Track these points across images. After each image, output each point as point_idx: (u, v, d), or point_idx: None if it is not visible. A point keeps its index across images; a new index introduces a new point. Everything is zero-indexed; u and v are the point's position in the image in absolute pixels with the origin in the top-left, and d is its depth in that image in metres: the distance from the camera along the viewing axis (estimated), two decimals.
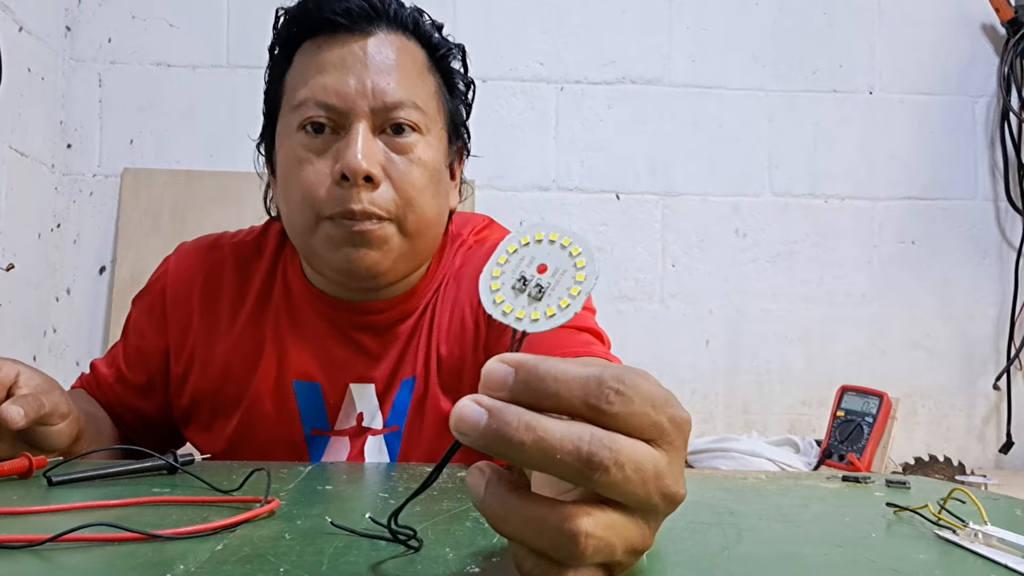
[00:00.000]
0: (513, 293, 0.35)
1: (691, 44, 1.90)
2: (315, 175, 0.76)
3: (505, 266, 0.36)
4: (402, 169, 0.76)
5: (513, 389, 0.30)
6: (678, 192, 1.88)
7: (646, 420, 0.30)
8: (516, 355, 0.30)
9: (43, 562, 0.39)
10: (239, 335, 0.84)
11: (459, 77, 0.86)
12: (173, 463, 0.65)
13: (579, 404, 0.30)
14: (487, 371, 0.30)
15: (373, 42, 0.77)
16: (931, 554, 0.46)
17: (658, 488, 0.30)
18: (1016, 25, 1.88)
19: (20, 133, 1.58)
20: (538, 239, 0.37)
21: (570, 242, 0.36)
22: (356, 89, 0.75)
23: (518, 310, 0.35)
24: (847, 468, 1.38)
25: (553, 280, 0.35)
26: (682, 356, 1.85)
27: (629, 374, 0.30)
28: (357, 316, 0.83)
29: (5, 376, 0.70)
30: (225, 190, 1.76)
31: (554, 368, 0.30)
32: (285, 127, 0.79)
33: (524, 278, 0.35)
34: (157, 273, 0.91)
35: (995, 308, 1.91)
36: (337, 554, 0.41)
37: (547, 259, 0.36)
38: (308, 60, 0.78)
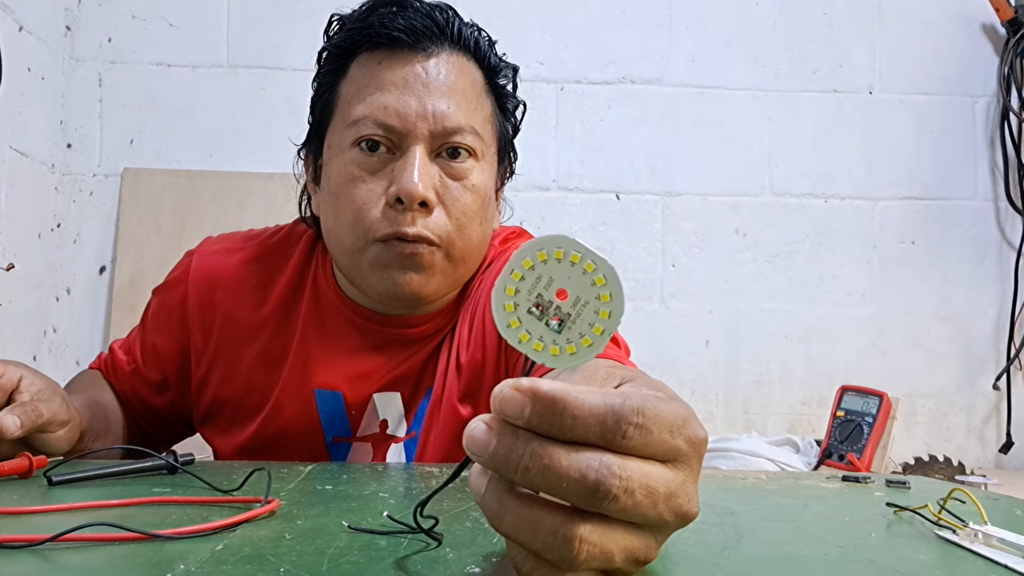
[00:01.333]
0: (530, 318, 0.33)
1: (691, 44, 1.90)
2: (368, 195, 0.75)
3: (520, 284, 0.33)
4: (456, 195, 0.76)
5: (529, 421, 0.29)
6: (678, 192, 1.88)
7: (663, 446, 0.30)
8: (532, 383, 0.29)
9: (43, 562, 0.39)
10: (264, 341, 0.84)
11: (511, 99, 0.85)
12: (173, 463, 0.65)
13: (595, 438, 0.29)
14: (503, 398, 0.30)
15: (435, 63, 0.76)
16: (931, 554, 0.46)
17: (669, 507, 0.30)
18: (1016, 25, 1.88)
19: (20, 133, 1.58)
20: (557, 257, 0.33)
21: (593, 268, 0.33)
22: (417, 111, 0.74)
23: (535, 340, 0.33)
24: (847, 468, 1.38)
25: (574, 312, 0.33)
26: (682, 356, 1.85)
27: (649, 403, 0.30)
28: (389, 329, 0.82)
29: (7, 381, 0.70)
30: (225, 190, 1.76)
31: (572, 402, 0.29)
32: (338, 141, 0.77)
33: (541, 303, 0.33)
34: (178, 271, 0.89)
35: (995, 308, 1.91)
36: (337, 554, 0.41)
37: (567, 283, 0.33)
38: (367, 75, 0.76)
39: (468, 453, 0.31)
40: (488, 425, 0.30)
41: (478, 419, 0.30)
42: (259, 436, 0.83)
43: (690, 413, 0.31)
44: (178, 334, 0.87)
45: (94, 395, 0.85)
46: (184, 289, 0.87)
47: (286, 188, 1.71)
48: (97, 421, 0.82)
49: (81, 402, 0.79)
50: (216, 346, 0.85)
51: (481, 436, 0.30)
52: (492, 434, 0.30)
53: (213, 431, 0.88)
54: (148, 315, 0.91)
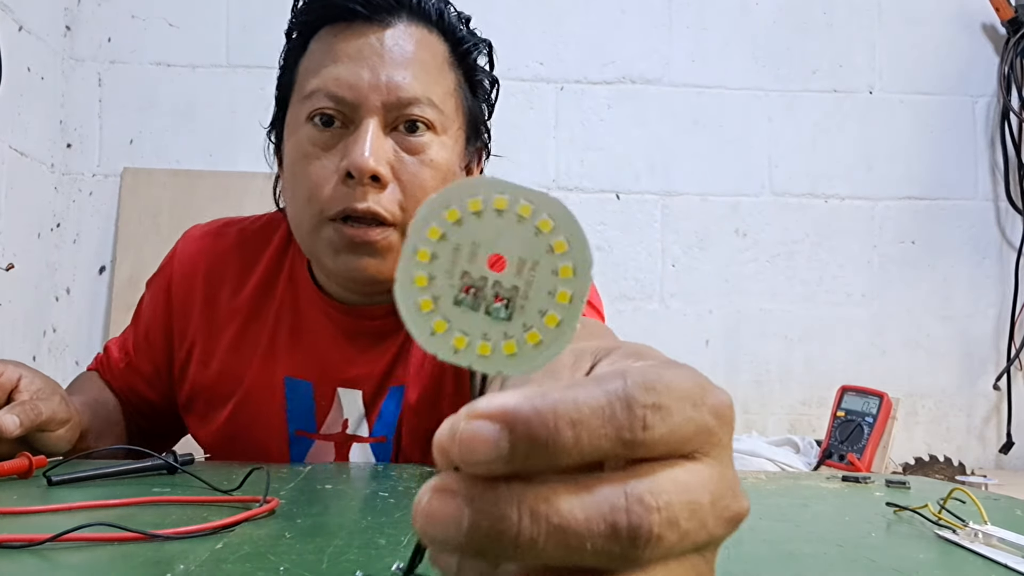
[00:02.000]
0: (460, 311, 0.23)
1: (691, 44, 1.90)
2: (321, 171, 0.73)
3: (433, 265, 0.23)
4: (412, 170, 0.73)
5: (512, 460, 0.20)
6: (678, 192, 1.88)
7: (690, 428, 0.22)
8: (495, 402, 0.20)
9: (43, 562, 0.39)
10: (239, 327, 0.83)
11: (483, 74, 0.82)
12: (173, 463, 0.65)
13: (609, 445, 0.21)
14: (461, 440, 0.20)
15: (391, 33, 0.74)
16: (931, 554, 0.46)
17: (719, 517, 0.22)
18: (1016, 25, 1.88)
19: (20, 133, 1.58)
20: (474, 210, 0.23)
21: (531, 210, 0.23)
22: (369, 82, 0.71)
23: (477, 340, 0.22)
24: (847, 468, 1.38)
25: (522, 281, 0.23)
26: (682, 356, 1.83)
27: (654, 373, 0.22)
28: (354, 320, 0.81)
29: (6, 380, 0.70)
30: (225, 190, 1.75)
31: (563, 406, 0.20)
32: (294, 117, 0.76)
33: (471, 283, 0.23)
34: (167, 258, 0.90)
35: (995, 308, 1.91)
36: (337, 553, 0.41)
37: (500, 244, 0.23)
38: (323, 49, 0.75)
39: (428, 542, 0.21)
40: (448, 490, 0.20)
41: (428, 487, 0.21)
42: (229, 425, 0.83)
43: (700, 375, 0.23)
44: (163, 319, 0.86)
45: (93, 394, 0.85)
46: (169, 274, 0.87)
47: None
48: (98, 420, 0.82)
49: (81, 401, 0.79)
50: (195, 331, 0.84)
51: (444, 511, 0.20)
52: (459, 502, 0.20)
53: (192, 419, 0.87)
54: (141, 307, 0.91)
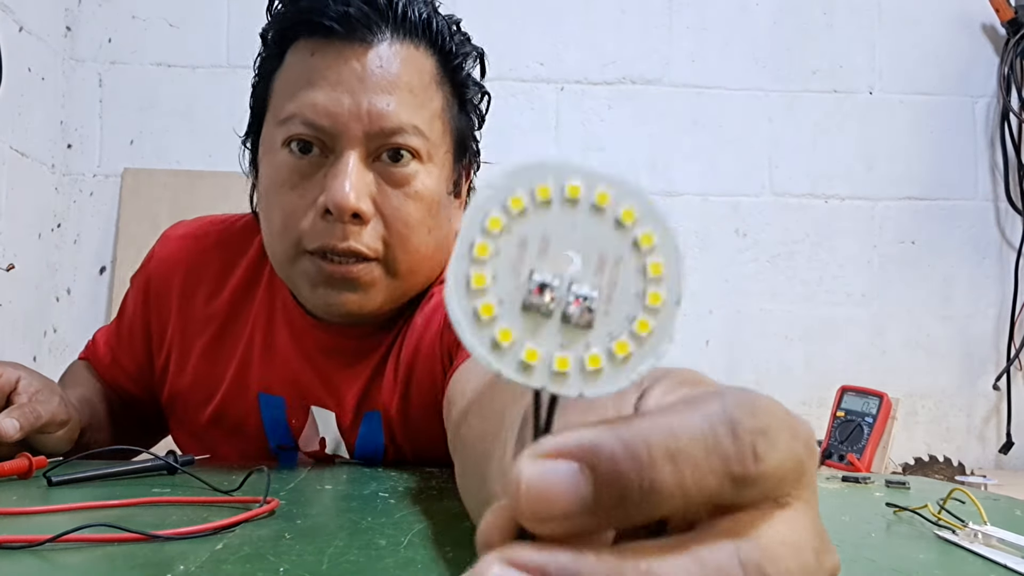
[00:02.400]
0: (528, 318, 0.19)
1: (691, 44, 1.90)
2: (298, 202, 0.68)
3: (494, 263, 0.19)
4: (395, 204, 0.68)
5: (597, 507, 0.16)
6: (678, 192, 1.88)
7: (790, 464, 0.18)
8: (573, 435, 0.17)
9: (43, 562, 0.39)
10: (213, 334, 0.81)
11: (473, 88, 0.77)
12: (173, 463, 0.65)
13: (716, 484, 0.17)
14: (527, 488, 0.16)
15: (374, 53, 0.68)
16: (931, 554, 0.46)
17: (822, 569, 0.18)
18: (1016, 25, 1.88)
19: (20, 133, 1.58)
20: (543, 198, 0.19)
21: (610, 198, 0.20)
22: (350, 110, 0.67)
23: (551, 353, 0.19)
24: (847, 468, 1.38)
25: (604, 282, 0.19)
26: (682, 356, 1.82)
27: (749, 396, 0.18)
28: (331, 337, 0.77)
29: (5, 382, 0.69)
30: (225, 190, 1.75)
31: (656, 434, 0.17)
32: (269, 138, 0.71)
33: (544, 284, 0.19)
34: (147, 257, 0.88)
35: (995, 308, 1.91)
36: (337, 553, 0.41)
37: (575, 239, 0.19)
38: (300, 66, 0.70)
39: None
40: (517, 564, 0.16)
41: (491, 559, 0.16)
42: (208, 433, 0.82)
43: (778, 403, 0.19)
44: (142, 319, 0.85)
45: (87, 389, 0.85)
46: (148, 275, 0.85)
47: None
48: (94, 416, 0.81)
49: (78, 398, 0.78)
50: (172, 334, 0.83)
51: None
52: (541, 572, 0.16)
53: (172, 423, 0.87)
54: (125, 304, 0.89)
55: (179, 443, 0.87)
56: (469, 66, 0.77)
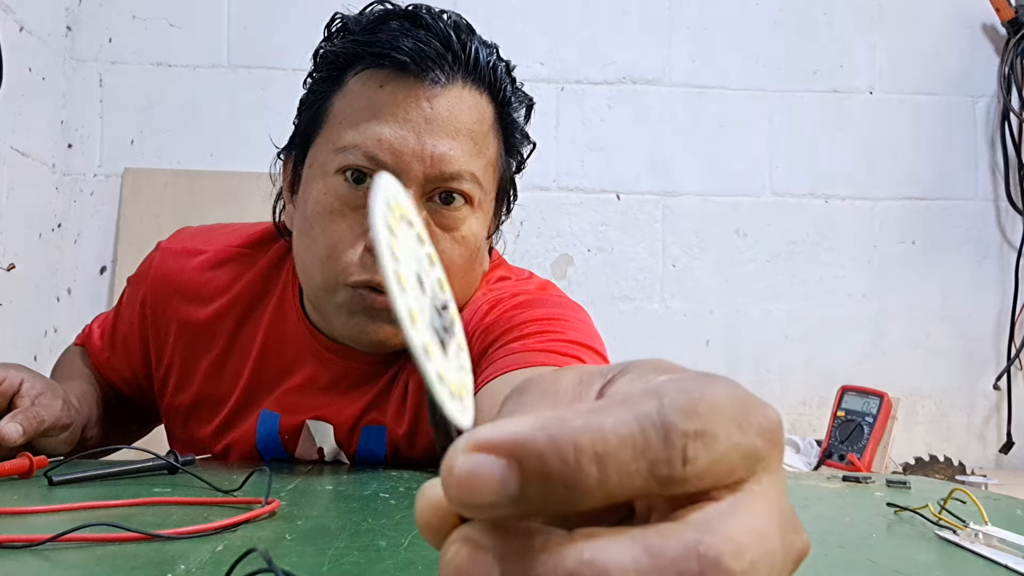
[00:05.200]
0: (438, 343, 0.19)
1: (691, 44, 1.90)
2: (346, 234, 0.68)
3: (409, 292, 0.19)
4: (443, 247, 0.68)
5: (521, 500, 0.17)
6: (678, 192, 1.88)
7: (736, 455, 0.18)
8: (507, 428, 0.17)
9: (44, 562, 0.39)
10: (219, 352, 0.80)
11: (521, 136, 0.78)
12: (174, 463, 0.65)
13: (641, 483, 0.17)
14: (457, 477, 0.17)
15: (444, 96, 0.68)
16: (931, 554, 0.46)
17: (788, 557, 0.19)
18: (1016, 25, 1.88)
19: (21, 133, 1.58)
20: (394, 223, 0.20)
21: (402, 209, 0.21)
22: (414, 149, 0.66)
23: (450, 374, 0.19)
24: (847, 468, 1.38)
25: (436, 298, 0.21)
26: (682, 356, 1.84)
27: (695, 391, 0.18)
28: (342, 360, 0.77)
29: (8, 386, 0.69)
30: (225, 190, 1.76)
31: (585, 435, 0.17)
32: (321, 163, 0.70)
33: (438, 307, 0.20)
34: (144, 265, 0.86)
35: (995, 308, 1.91)
36: (337, 555, 0.41)
37: (411, 259, 0.20)
38: (365, 97, 0.69)
39: None
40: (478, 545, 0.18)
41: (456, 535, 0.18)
42: (208, 446, 0.81)
43: (743, 389, 0.20)
44: (139, 332, 0.84)
45: (85, 382, 0.84)
46: (145, 288, 0.84)
47: None
48: (92, 409, 0.81)
49: (79, 395, 0.78)
50: (172, 352, 0.82)
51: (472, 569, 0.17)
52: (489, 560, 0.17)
53: (169, 435, 0.87)
54: (122, 305, 0.88)
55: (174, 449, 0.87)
56: (519, 113, 0.77)
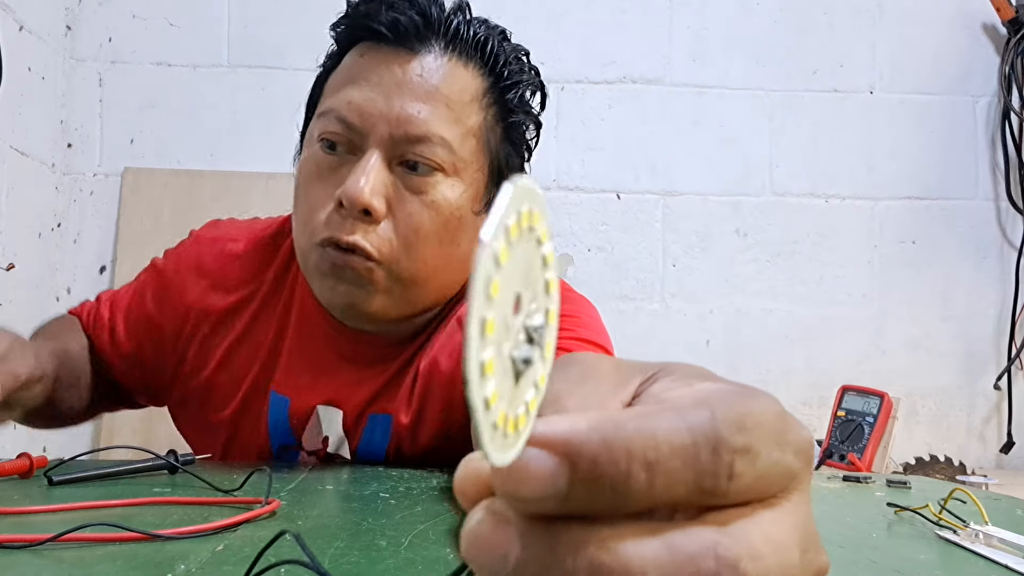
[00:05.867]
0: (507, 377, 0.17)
1: (691, 44, 1.90)
2: (319, 196, 0.70)
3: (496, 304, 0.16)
4: (409, 209, 0.69)
5: (568, 499, 0.17)
6: (678, 192, 1.88)
7: (775, 472, 0.19)
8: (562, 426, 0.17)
9: (44, 561, 0.39)
10: (235, 338, 0.80)
11: (522, 115, 0.77)
12: (174, 463, 0.65)
13: (684, 493, 0.18)
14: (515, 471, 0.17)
15: (419, 63, 0.69)
16: (932, 554, 0.46)
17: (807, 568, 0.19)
18: (1017, 25, 1.88)
19: (20, 132, 1.58)
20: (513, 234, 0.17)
21: (553, 259, 0.19)
22: (380, 111, 0.68)
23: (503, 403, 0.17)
24: (848, 468, 1.38)
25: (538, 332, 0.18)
26: (682, 356, 1.85)
27: (742, 406, 0.19)
28: (352, 343, 0.77)
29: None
30: (226, 190, 1.75)
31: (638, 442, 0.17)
32: (309, 134, 0.74)
33: (529, 335, 0.18)
34: (179, 250, 0.86)
35: (995, 308, 1.91)
36: (338, 554, 0.41)
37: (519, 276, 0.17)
38: (348, 69, 0.72)
39: (471, 565, 0.18)
40: (502, 517, 0.18)
41: (483, 505, 0.18)
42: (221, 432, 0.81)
43: (781, 406, 0.20)
44: (156, 313, 0.83)
45: (65, 343, 0.82)
46: (176, 267, 0.84)
47: (287, 188, 1.71)
48: (65, 371, 0.79)
49: (50, 350, 0.77)
50: (188, 339, 0.82)
51: (492, 539, 0.18)
52: (510, 533, 0.18)
53: (181, 421, 0.86)
54: (142, 282, 0.87)
55: (187, 439, 0.87)
56: (523, 93, 0.76)
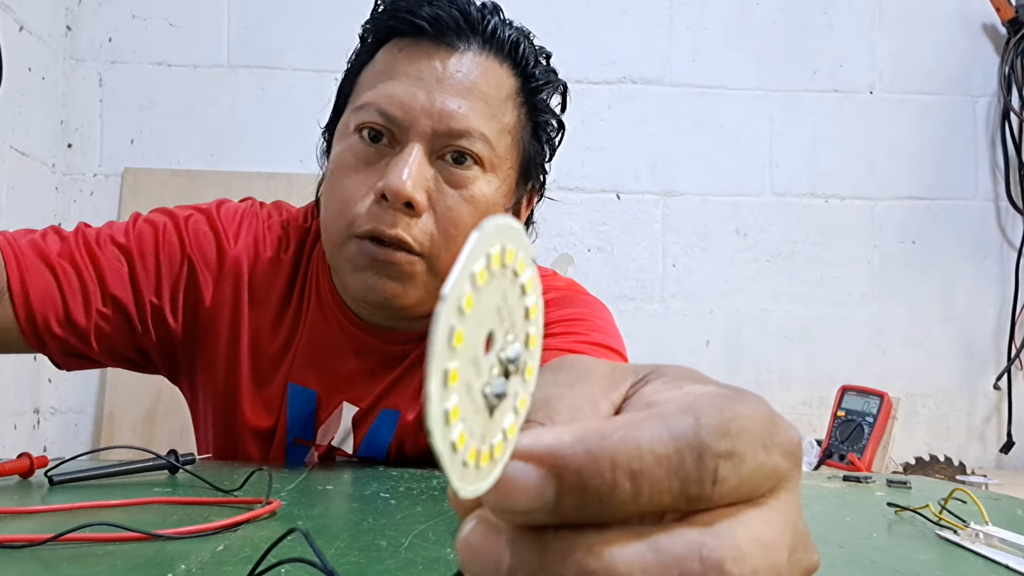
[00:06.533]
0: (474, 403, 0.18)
1: (691, 44, 1.90)
2: (357, 187, 0.70)
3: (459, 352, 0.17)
4: (450, 203, 0.70)
5: (556, 510, 0.18)
6: (678, 192, 1.88)
7: (760, 473, 0.19)
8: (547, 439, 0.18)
9: (43, 562, 0.39)
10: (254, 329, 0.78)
11: (549, 115, 0.79)
12: (175, 463, 0.65)
13: (670, 500, 0.18)
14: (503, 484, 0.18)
15: (458, 59, 0.71)
16: (932, 554, 0.46)
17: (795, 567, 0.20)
18: (1017, 25, 1.88)
19: (21, 133, 1.58)
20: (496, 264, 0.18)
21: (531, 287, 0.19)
22: (423, 105, 0.69)
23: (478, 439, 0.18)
24: (848, 468, 1.38)
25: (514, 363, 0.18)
26: (682, 356, 1.85)
27: (729, 410, 0.19)
28: (369, 338, 0.77)
29: None
30: (226, 190, 1.75)
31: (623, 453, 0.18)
32: (344, 125, 0.74)
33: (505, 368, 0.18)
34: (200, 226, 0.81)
35: (995, 308, 1.91)
36: (338, 555, 0.41)
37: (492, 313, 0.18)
38: (386, 63, 0.72)
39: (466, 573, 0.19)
40: (494, 526, 0.18)
41: (476, 514, 0.19)
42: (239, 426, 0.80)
43: (769, 407, 0.20)
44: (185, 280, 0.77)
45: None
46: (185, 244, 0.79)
47: (287, 188, 1.71)
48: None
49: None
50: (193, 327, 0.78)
51: (485, 547, 0.18)
52: (502, 542, 0.18)
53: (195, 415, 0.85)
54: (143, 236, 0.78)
55: (198, 435, 0.86)
56: (550, 96, 0.79)
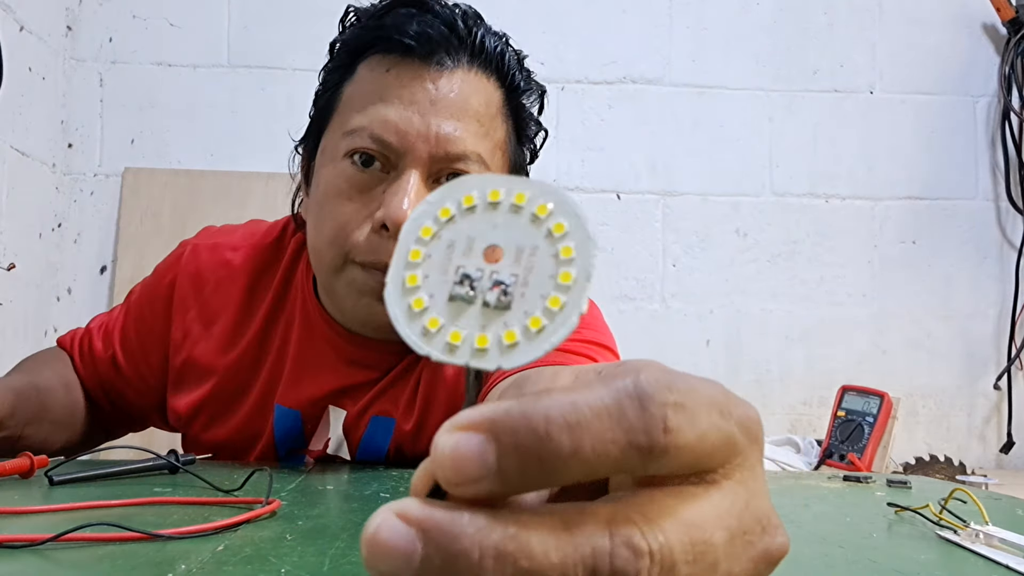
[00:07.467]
0: (454, 307, 0.21)
1: (691, 44, 1.90)
2: (353, 214, 0.69)
3: (426, 264, 0.21)
4: None
5: (503, 474, 0.17)
6: (678, 192, 1.88)
7: (717, 438, 0.19)
8: (484, 409, 0.18)
9: (44, 561, 0.39)
10: (242, 349, 0.80)
11: (532, 123, 0.78)
12: (174, 463, 0.65)
13: (619, 453, 0.18)
14: (444, 456, 0.18)
15: (449, 78, 0.69)
16: (932, 554, 0.46)
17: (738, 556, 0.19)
18: (1017, 25, 1.88)
19: (21, 133, 1.58)
20: (468, 206, 0.22)
21: (526, 198, 0.22)
22: (419, 130, 0.67)
23: (472, 334, 0.20)
24: (848, 468, 1.38)
25: (520, 268, 0.21)
26: (682, 356, 1.85)
27: (672, 374, 0.19)
28: (356, 348, 0.77)
29: None
30: (226, 190, 1.76)
31: (556, 408, 0.17)
32: (332, 147, 0.71)
33: (468, 276, 0.21)
34: (171, 259, 0.85)
35: (995, 308, 1.91)
36: (338, 555, 0.41)
37: (496, 235, 0.21)
38: (373, 82, 0.70)
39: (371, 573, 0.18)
40: (403, 516, 0.17)
41: (382, 508, 0.18)
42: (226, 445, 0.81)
43: (725, 388, 0.20)
44: (162, 321, 0.83)
45: (34, 378, 0.80)
46: (173, 276, 0.83)
47: (287, 188, 1.70)
48: (25, 404, 0.76)
49: (9, 385, 0.75)
50: (191, 348, 0.81)
51: (393, 540, 0.17)
52: (412, 533, 0.17)
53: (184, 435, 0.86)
54: (132, 303, 0.86)
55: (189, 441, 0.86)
56: (532, 101, 0.78)
